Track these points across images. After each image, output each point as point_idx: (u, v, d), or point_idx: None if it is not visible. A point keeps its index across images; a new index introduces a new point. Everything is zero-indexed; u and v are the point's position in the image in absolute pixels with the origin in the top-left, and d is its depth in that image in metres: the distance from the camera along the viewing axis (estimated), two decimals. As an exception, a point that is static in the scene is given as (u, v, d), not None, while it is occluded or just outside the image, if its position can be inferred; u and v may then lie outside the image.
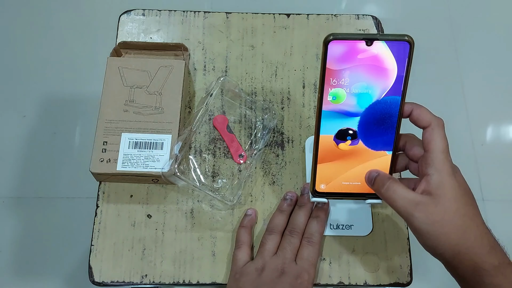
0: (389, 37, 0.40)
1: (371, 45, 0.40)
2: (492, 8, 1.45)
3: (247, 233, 0.52)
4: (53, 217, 1.13)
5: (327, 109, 0.43)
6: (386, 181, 0.43)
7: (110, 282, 0.51)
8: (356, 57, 0.41)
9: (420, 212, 0.40)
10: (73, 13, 1.37)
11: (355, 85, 0.42)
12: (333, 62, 0.41)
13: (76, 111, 1.23)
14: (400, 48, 0.40)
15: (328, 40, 0.40)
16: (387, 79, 0.42)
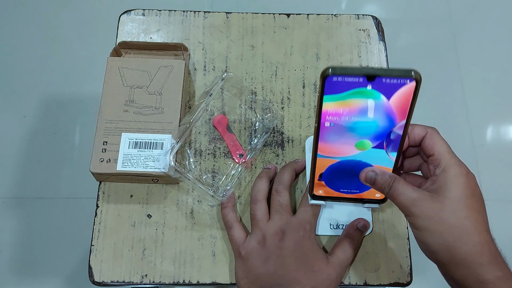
0: (393, 73, 0.36)
1: (373, 80, 0.36)
2: (492, 8, 1.45)
3: (232, 210, 0.52)
4: (53, 217, 1.13)
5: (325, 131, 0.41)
6: (390, 181, 0.41)
7: (110, 282, 0.51)
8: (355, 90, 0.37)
9: (417, 207, 0.39)
10: (73, 13, 1.37)
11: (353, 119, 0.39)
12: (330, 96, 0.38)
13: (76, 111, 1.23)
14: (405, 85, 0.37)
15: (326, 74, 0.36)
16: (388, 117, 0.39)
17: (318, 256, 0.47)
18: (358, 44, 0.63)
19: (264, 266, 0.47)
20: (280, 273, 0.46)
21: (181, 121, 0.54)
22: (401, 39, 1.40)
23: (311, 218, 0.49)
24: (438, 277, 0.46)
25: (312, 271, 0.46)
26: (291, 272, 0.46)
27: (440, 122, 1.30)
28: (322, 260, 0.47)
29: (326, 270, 0.47)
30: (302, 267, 0.46)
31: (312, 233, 0.49)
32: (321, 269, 0.47)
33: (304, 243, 0.48)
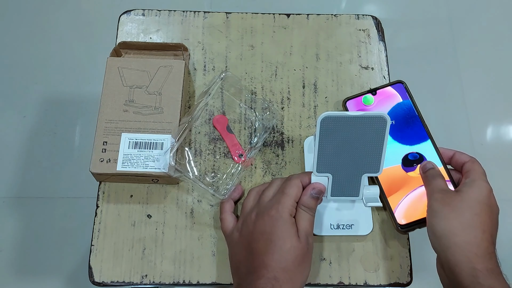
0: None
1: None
2: (492, 8, 1.45)
3: (227, 202, 0.52)
4: (53, 217, 1.13)
5: None
6: (437, 175, 0.49)
7: (110, 282, 0.51)
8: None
9: (440, 193, 0.46)
10: (73, 13, 1.37)
11: None
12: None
13: (76, 111, 1.23)
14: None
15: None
16: None
17: (290, 234, 0.45)
18: (358, 44, 0.63)
19: (240, 253, 0.47)
20: (250, 258, 0.45)
21: (180, 121, 0.54)
22: (401, 39, 1.40)
23: (283, 197, 0.47)
24: (438, 277, 0.47)
25: (281, 251, 0.44)
26: (260, 256, 0.44)
27: (440, 122, 1.30)
28: (293, 237, 0.45)
29: (298, 245, 0.45)
30: (270, 249, 0.44)
31: (284, 212, 0.46)
32: (293, 246, 0.44)
33: (275, 223, 0.45)
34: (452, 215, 0.44)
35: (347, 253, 0.53)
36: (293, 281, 0.44)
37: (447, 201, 0.45)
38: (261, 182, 0.55)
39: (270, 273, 0.43)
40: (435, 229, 0.45)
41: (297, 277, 0.44)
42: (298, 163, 0.57)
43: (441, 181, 0.48)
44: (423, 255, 0.44)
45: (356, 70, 0.62)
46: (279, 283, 0.43)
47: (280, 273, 0.43)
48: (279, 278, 0.43)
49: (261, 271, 0.43)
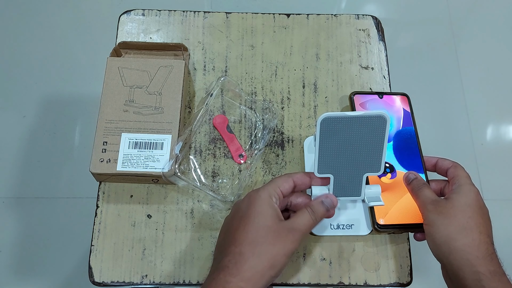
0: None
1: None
2: (491, 8, 1.45)
3: None
4: (53, 217, 1.13)
5: None
6: (421, 185, 0.50)
7: (110, 282, 0.51)
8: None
9: (432, 204, 0.47)
10: (73, 13, 1.37)
11: None
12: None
13: (76, 111, 1.23)
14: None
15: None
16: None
17: (264, 212, 0.43)
18: (358, 44, 0.63)
19: (220, 236, 0.46)
20: (225, 237, 0.44)
21: (182, 130, 0.54)
22: (401, 39, 1.40)
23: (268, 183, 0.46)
24: (438, 277, 0.47)
25: (252, 226, 0.42)
26: (232, 233, 0.43)
27: (440, 122, 1.30)
28: (269, 217, 0.43)
29: (273, 226, 0.42)
30: (242, 224, 0.43)
31: (264, 193, 0.44)
32: (266, 225, 0.42)
33: (252, 201, 0.44)
34: (447, 222, 0.45)
35: (347, 253, 0.53)
36: (261, 257, 0.40)
37: (439, 210, 0.46)
38: (261, 182, 0.55)
39: (237, 247, 0.41)
40: (434, 238, 0.46)
41: (267, 255, 0.41)
42: (298, 163, 0.57)
43: (427, 191, 0.49)
44: (423, 255, 0.44)
45: (356, 70, 0.62)
46: (243, 258, 0.40)
47: (246, 247, 0.41)
48: (244, 252, 0.40)
49: (230, 247, 0.42)
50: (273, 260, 0.41)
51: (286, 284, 0.52)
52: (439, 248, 0.45)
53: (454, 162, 0.52)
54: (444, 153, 0.54)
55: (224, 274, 0.40)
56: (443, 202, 0.47)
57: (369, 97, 0.58)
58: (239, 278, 0.39)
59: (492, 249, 0.44)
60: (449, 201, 0.47)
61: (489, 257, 0.43)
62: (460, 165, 0.51)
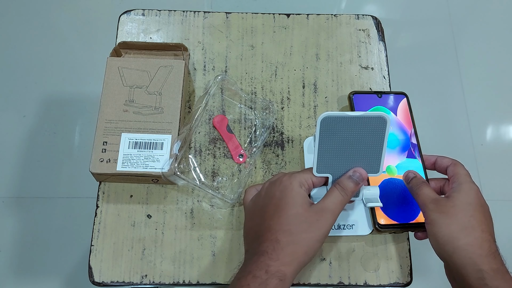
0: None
1: None
2: (492, 8, 1.45)
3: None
4: (53, 217, 1.13)
5: None
6: (420, 183, 0.49)
7: (110, 282, 0.51)
8: None
9: (433, 203, 0.47)
10: (73, 13, 1.37)
11: None
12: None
13: (76, 111, 1.23)
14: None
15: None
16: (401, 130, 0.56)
17: (296, 201, 0.45)
18: (358, 44, 0.63)
19: (251, 220, 0.47)
20: (258, 222, 0.46)
21: (181, 129, 0.54)
22: (401, 39, 1.40)
23: (296, 172, 0.48)
24: (438, 277, 0.47)
25: (286, 215, 0.44)
26: (267, 220, 0.45)
27: (440, 122, 1.30)
28: (300, 205, 0.44)
29: (304, 213, 0.44)
30: (277, 213, 0.44)
31: (295, 181, 0.46)
32: (298, 213, 0.44)
33: (284, 189, 0.45)
34: (449, 221, 0.45)
35: (347, 253, 0.53)
36: (296, 245, 0.43)
37: (441, 209, 0.46)
38: (261, 181, 0.55)
39: (273, 235, 0.43)
40: (437, 237, 0.45)
41: (301, 242, 0.43)
42: (298, 163, 0.57)
43: (427, 190, 0.48)
44: (423, 255, 0.44)
45: (356, 70, 0.62)
46: (280, 245, 0.42)
47: (282, 235, 0.43)
48: (281, 240, 0.43)
49: (266, 234, 0.44)
50: (307, 246, 0.43)
51: (286, 284, 0.52)
52: (442, 247, 0.45)
53: (453, 160, 0.51)
54: (444, 153, 0.54)
55: (265, 258, 0.42)
56: (444, 201, 0.47)
57: (368, 96, 0.58)
58: (279, 262, 0.42)
59: (494, 247, 0.44)
60: (450, 199, 0.47)
61: (492, 255, 0.43)
62: (460, 163, 0.51)
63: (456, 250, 0.44)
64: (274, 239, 0.43)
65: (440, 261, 0.47)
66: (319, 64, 0.62)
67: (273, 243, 0.43)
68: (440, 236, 0.45)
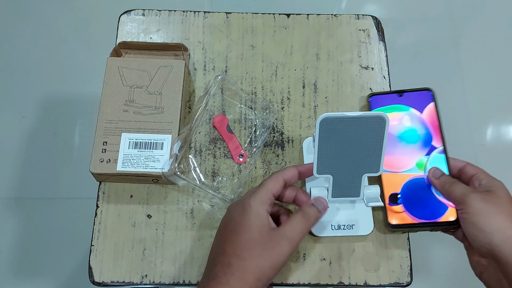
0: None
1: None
2: (492, 8, 1.45)
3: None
4: (53, 217, 1.13)
5: None
6: (450, 180, 0.49)
7: (110, 282, 0.51)
8: None
9: (475, 193, 0.46)
10: (73, 13, 1.37)
11: None
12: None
13: (76, 111, 1.23)
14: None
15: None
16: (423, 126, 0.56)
17: (253, 224, 0.43)
18: (358, 44, 0.63)
19: (214, 241, 0.47)
20: (216, 244, 0.46)
21: (181, 129, 0.54)
22: (401, 39, 1.40)
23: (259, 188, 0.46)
24: (438, 277, 0.47)
25: (240, 239, 0.43)
26: (223, 243, 0.44)
27: (440, 122, 1.30)
28: (256, 229, 0.43)
29: (259, 239, 0.42)
30: (232, 236, 0.43)
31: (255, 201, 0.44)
32: (252, 238, 0.42)
33: (242, 211, 0.44)
34: (497, 210, 0.44)
35: (347, 253, 0.53)
36: (247, 271, 0.41)
37: (486, 199, 0.45)
38: (261, 181, 0.55)
39: (226, 258, 0.42)
40: (483, 227, 0.44)
41: (253, 268, 0.41)
42: (298, 163, 0.57)
43: (463, 185, 0.48)
44: (423, 255, 0.43)
45: (356, 70, 0.62)
46: (231, 270, 0.41)
47: (234, 260, 0.42)
48: (232, 264, 0.42)
49: (220, 257, 0.43)
50: (260, 273, 0.42)
51: (286, 284, 0.52)
52: (490, 237, 0.44)
53: (464, 161, 0.51)
54: (444, 153, 0.54)
55: (215, 283, 0.41)
56: (486, 193, 0.46)
57: (387, 96, 0.57)
58: (229, 287, 0.41)
59: None
60: (492, 192, 0.46)
61: None
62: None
63: (506, 239, 0.43)
64: (227, 263, 0.42)
65: (440, 261, 0.47)
66: (319, 64, 0.62)
67: (224, 267, 0.42)
68: (487, 225, 0.44)
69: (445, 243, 1.09)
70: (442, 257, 1.07)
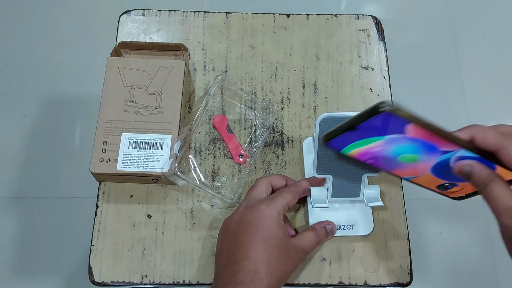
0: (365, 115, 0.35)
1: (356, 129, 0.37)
2: (492, 8, 1.45)
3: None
4: (53, 217, 1.13)
5: None
6: (487, 179, 0.36)
7: (110, 282, 0.51)
8: None
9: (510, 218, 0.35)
10: (73, 13, 1.37)
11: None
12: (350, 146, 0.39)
13: (76, 111, 1.23)
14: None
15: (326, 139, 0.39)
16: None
17: (277, 231, 0.44)
18: (358, 44, 0.63)
19: (223, 243, 0.47)
20: (232, 249, 0.45)
21: (181, 129, 0.54)
22: (401, 39, 1.40)
23: (278, 196, 0.47)
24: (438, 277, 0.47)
25: (266, 245, 0.43)
26: (243, 248, 0.44)
27: (440, 122, 1.30)
28: (280, 237, 0.44)
29: (284, 246, 0.44)
30: (255, 241, 0.43)
31: (274, 209, 0.45)
32: (278, 244, 0.44)
33: (263, 217, 0.44)
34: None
35: (347, 253, 0.53)
36: (273, 276, 0.43)
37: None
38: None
39: (251, 264, 0.42)
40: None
41: (278, 275, 0.43)
42: (298, 163, 0.57)
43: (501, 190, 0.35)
44: (423, 255, 0.43)
45: (356, 70, 0.62)
46: (258, 276, 0.42)
47: (261, 266, 0.42)
48: (259, 271, 0.42)
49: (243, 263, 0.43)
50: (282, 279, 0.44)
51: (286, 284, 0.52)
52: None
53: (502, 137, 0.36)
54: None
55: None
56: None
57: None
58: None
59: None
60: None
61: None
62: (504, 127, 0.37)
63: None
64: (252, 269, 0.42)
65: (440, 262, 0.47)
66: (319, 64, 0.62)
67: (250, 274, 0.42)
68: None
69: (445, 243, 1.09)
70: (442, 257, 1.07)
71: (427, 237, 1.06)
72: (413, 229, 0.56)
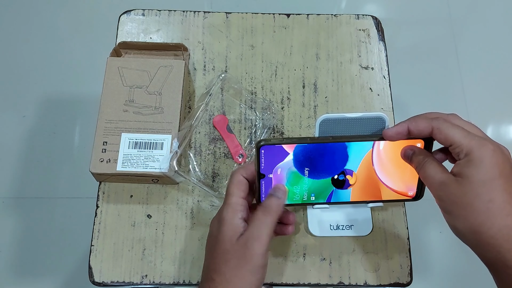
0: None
1: None
2: (492, 8, 1.45)
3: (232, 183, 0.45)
4: (53, 217, 1.13)
5: None
6: (422, 160, 0.42)
7: (110, 282, 0.51)
8: None
9: (442, 191, 0.39)
10: (73, 13, 1.37)
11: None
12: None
13: (76, 111, 1.23)
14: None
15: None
16: None
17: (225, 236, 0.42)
18: (358, 44, 0.63)
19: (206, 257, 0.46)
20: (205, 261, 0.45)
21: (181, 125, 0.54)
22: (401, 39, 1.40)
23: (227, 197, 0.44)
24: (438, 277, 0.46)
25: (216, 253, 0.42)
26: (206, 258, 0.44)
27: (440, 122, 1.30)
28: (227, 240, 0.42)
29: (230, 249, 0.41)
30: (211, 251, 0.43)
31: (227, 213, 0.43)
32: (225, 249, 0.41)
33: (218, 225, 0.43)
34: (464, 213, 0.38)
35: (347, 253, 0.53)
36: (229, 283, 0.41)
37: (452, 199, 0.38)
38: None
39: (208, 274, 0.42)
40: (456, 229, 0.39)
41: (234, 280, 0.41)
42: (298, 163, 0.57)
43: (432, 168, 0.40)
44: (423, 255, 0.43)
45: (356, 70, 0.62)
46: (214, 285, 0.41)
47: (215, 275, 0.42)
48: (215, 279, 0.41)
49: (206, 273, 0.43)
50: (242, 282, 0.41)
51: (286, 284, 0.52)
52: (464, 238, 0.39)
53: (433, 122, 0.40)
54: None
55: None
56: (454, 187, 0.38)
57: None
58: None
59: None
60: (460, 184, 0.38)
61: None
62: (442, 120, 0.40)
63: (479, 243, 0.38)
64: (210, 278, 0.42)
65: (440, 261, 0.47)
66: (319, 64, 0.62)
67: (209, 283, 0.41)
68: (459, 228, 0.38)
69: (445, 243, 1.09)
70: (442, 257, 1.07)
71: (427, 237, 1.06)
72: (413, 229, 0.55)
